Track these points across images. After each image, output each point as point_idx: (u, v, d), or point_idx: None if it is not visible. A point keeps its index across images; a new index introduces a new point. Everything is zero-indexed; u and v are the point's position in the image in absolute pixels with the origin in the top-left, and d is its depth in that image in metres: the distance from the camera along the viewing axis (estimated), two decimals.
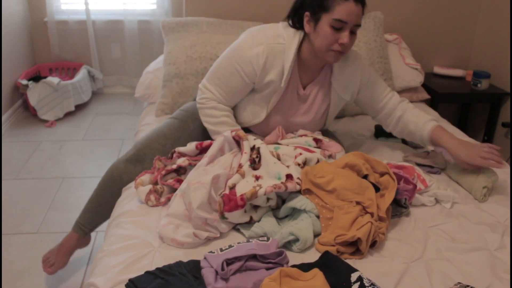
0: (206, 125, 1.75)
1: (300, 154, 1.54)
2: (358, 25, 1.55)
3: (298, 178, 1.44)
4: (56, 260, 1.83)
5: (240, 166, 1.48)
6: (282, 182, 1.40)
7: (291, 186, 1.40)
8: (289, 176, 1.42)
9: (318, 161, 1.55)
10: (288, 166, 1.48)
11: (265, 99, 1.71)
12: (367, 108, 1.85)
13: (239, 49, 1.66)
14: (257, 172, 1.47)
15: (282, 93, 1.70)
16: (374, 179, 1.47)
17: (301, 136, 1.72)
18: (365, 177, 1.48)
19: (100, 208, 1.74)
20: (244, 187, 1.40)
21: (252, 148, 1.54)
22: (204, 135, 1.81)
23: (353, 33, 1.56)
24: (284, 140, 1.68)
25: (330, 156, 1.63)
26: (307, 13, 1.59)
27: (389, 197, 1.41)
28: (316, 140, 1.67)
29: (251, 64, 1.63)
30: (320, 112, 1.80)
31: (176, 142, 1.78)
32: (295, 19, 1.65)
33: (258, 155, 1.51)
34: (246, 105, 1.76)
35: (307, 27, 1.60)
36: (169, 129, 1.80)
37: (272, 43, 1.62)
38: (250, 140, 1.55)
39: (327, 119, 1.85)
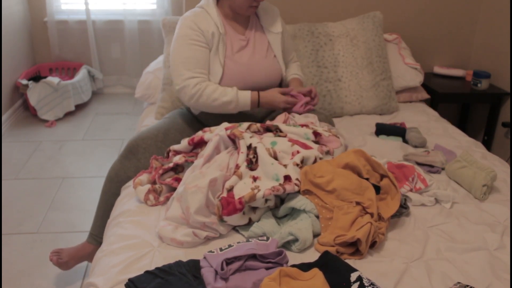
0: (214, 104, 1.79)
1: (298, 152, 1.54)
2: None
3: (297, 179, 1.43)
4: (66, 259, 1.84)
5: (237, 167, 1.47)
6: (280, 184, 1.40)
7: (290, 188, 1.40)
8: (287, 178, 1.42)
9: (315, 160, 1.55)
10: (285, 166, 1.48)
11: (215, 52, 1.83)
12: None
13: (179, 35, 1.84)
14: (254, 173, 1.46)
15: (225, 41, 1.86)
16: (375, 180, 1.47)
17: (302, 126, 1.71)
18: (366, 178, 1.48)
19: (107, 213, 1.73)
20: (242, 189, 1.40)
21: (249, 147, 1.53)
22: (193, 127, 1.91)
23: None
24: (284, 126, 1.69)
25: (327, 152, 1.63)
26: None
27: (394, 205, 1.41)
28: (316, 134, 1.67)
29: (194, 31, 1.81)
30: (269, 54, 1.95)
31: (168, 132, 1.83)
32: None
33: (255, 155, 1.50)
34: None
35: None
36: (160, 124, 1.89)
37: (191, 12, 1.87)
38: (246, 139, 1.55)
39: (278, 59, 1.98)
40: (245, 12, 1.84)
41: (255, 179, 1.44)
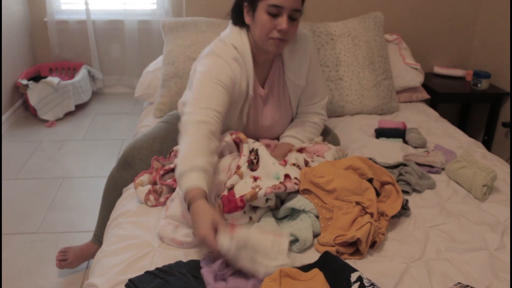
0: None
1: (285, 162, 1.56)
2: (297, 10, 1.52)
3: (295, 178, 1.44)
4: (71, 259, 1.86)
5: (238, 167, 1.48)
6: (281, 182, 1.40)
7: (290, 185, 1.40)
8: (287, 176, 1.43)
9: (307, 163, 1.57)
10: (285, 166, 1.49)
11: (238, 110, 1.64)
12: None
13: (210, 72, 1.52)
14: (255, 173, 1.46)
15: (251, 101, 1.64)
16: (377, 185, 1.47)
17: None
18: (370, 180, 1.48)
19: (109, 213, 1.73)
20: (242, 188, 1.40)
21: (251, 151, 1.54)
22: None
23: (293, 19, 1.52)
24: (264, 159, 1.63)
25: (318, 156, 1.64)
26: (245, 4, 1.57)
27: (395, 207, 1.41)
28: (300, 150, 1.67)
29: (228, 77, 1.54)
30: (285, 107, 1.77)
31: (164, 141, 1.79)
32: (236, 11, 1.63)
33: (256, 157, 1.51)
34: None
35: (247, 18, 1.58)
36: (156, 130, 1.83)
37: (229, 58, 1.56)
38: (250, 143, 1.56)
39: (292, 109, 1.80)
40: (265, 46, 1.54)
41: (255, 179, 1.44)
